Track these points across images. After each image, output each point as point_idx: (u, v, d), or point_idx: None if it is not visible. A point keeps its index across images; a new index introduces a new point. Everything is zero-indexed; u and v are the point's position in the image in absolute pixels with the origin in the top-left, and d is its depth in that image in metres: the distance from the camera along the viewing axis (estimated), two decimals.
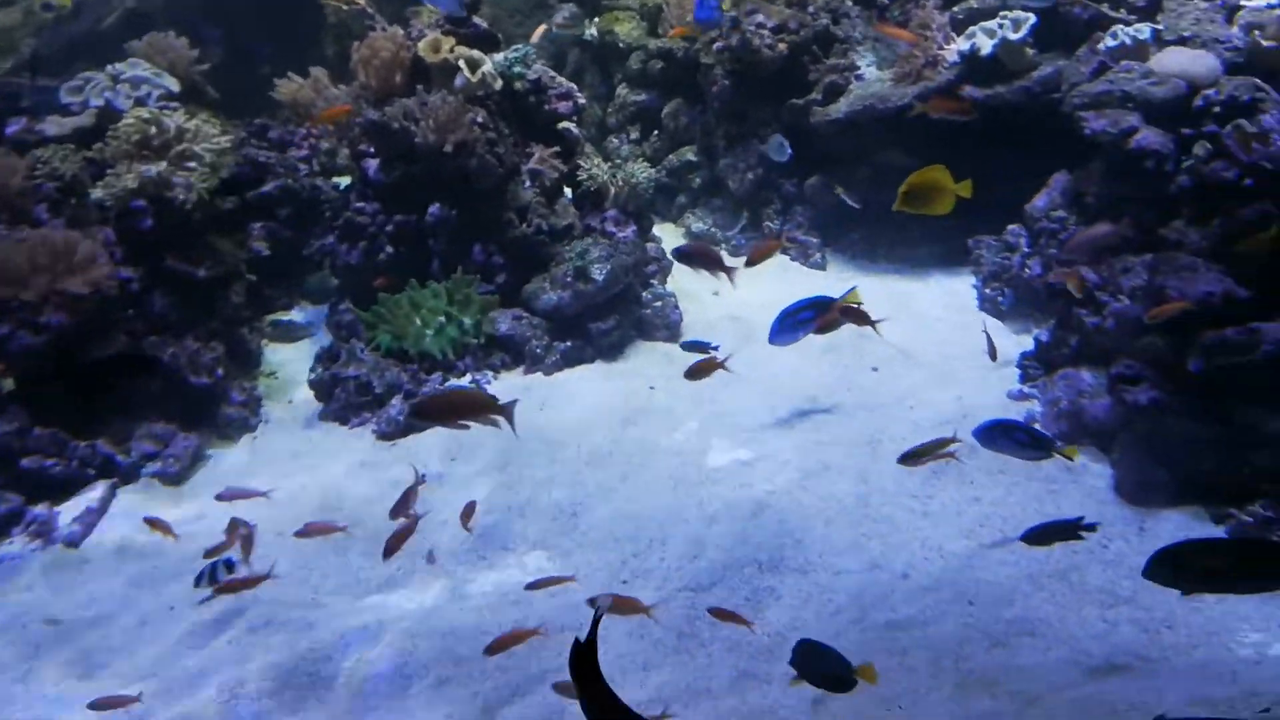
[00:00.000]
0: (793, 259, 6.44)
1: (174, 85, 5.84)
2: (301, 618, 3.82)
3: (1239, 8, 4.83)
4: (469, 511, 4.05)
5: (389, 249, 5.41)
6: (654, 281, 5.71)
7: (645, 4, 7.13)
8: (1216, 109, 4.25)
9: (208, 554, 3.93)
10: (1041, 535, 3.33)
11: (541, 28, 6.57)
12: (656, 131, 7.12)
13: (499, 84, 5.36)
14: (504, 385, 5.25)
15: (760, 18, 6.00)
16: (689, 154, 6.87)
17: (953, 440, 3.86)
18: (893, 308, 5.84)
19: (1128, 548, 3.60)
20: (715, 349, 5.00)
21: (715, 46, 6.29)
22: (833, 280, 6.32)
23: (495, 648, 3.32)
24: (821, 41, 6.12)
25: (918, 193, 3.30)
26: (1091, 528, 3.32)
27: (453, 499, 4.44)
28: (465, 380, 5.12)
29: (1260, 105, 4.13)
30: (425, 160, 5.30)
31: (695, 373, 4.56)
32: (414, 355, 5.09)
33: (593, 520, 4.25)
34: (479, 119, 5.27)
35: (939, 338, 5.36)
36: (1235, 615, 3.28)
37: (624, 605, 3.31)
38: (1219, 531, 3.54)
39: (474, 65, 5.28)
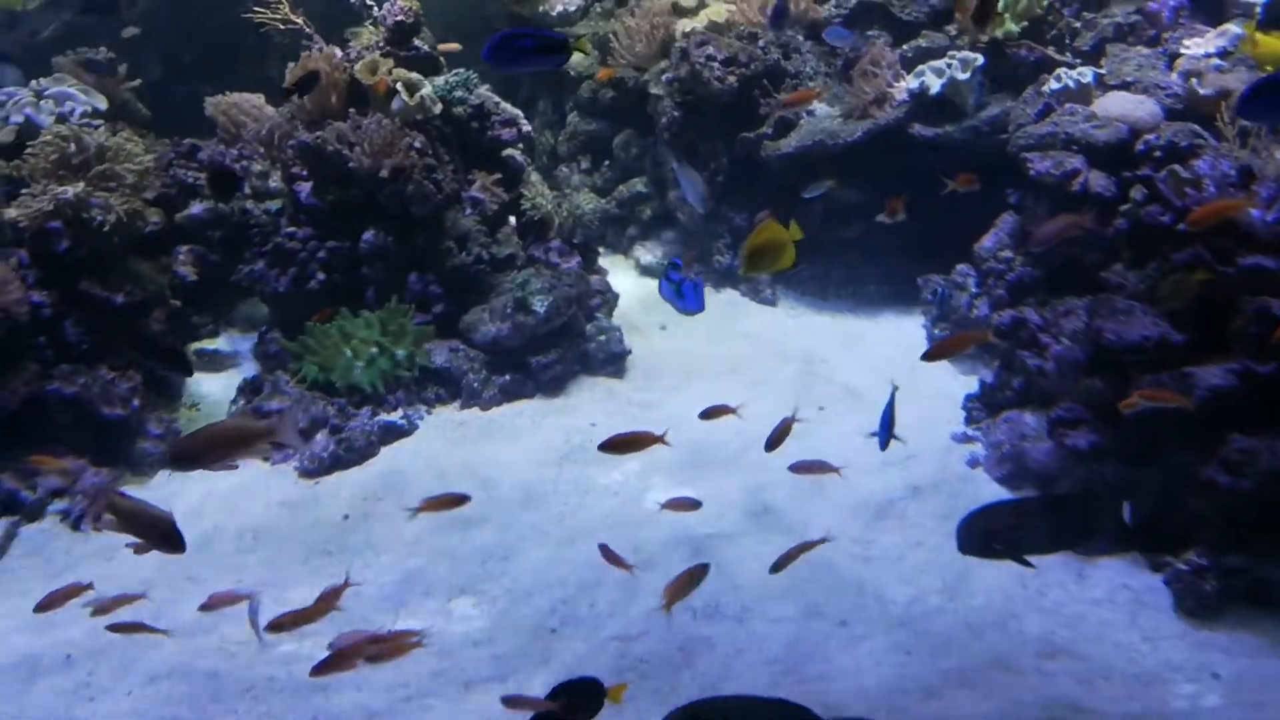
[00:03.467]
0: (743, 294, 6.35)
1: (101, 103, 5.62)
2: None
3: (1179, 55, 4.87)
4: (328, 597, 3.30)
5: (320, 276, 5.21)
6: (599, 314, 5.57)
7: (597, 33, 7.05)
8: (1157, 153, 4.24)
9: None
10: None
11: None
12: (608, 161, 7.01)
13: (439, 108, 5.22)
14: (439, 420, 5.05)
15: (710, 49, 5.94)
16: (639, 185, 6.76)
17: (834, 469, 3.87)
18: (843, 346, 5.79)
19: (1066, 596, 3.50)
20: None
21: (665, 77, 6.21)
22: (783, 316, 6.24)
23: None
24: (772, 75, 6.07)
25: (761, 254, 3.24)
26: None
27: (375, 541, 4.23)
28: (397, 415, 4.91)
29: (1198, 150, 4.12)
30: (360, 185, 5.12)
31: (709, 415, 4.25)
32: (342, 388, 4.87)
33: (524, 564, 4.05)
34: (417, 144, 5.11)
35: (887, 377, 5.25)
36: (1170, 665, 3.20)
37: None
38: (1159, 579, 3.45)
39: (412, 88, 5.13)
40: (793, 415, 3.75)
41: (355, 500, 4.53)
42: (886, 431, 3.57)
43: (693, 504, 3.84)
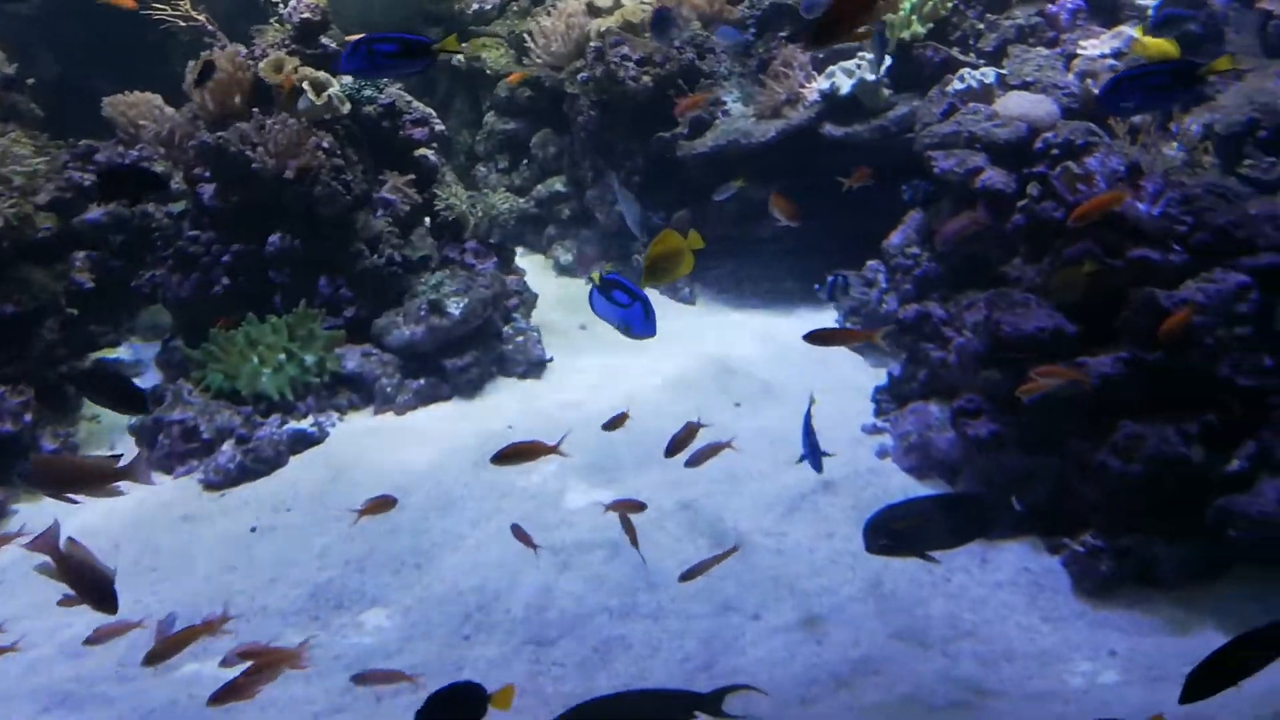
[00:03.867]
0: (661, 293, 6.35)
1: None
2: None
3: (1076, 56, 5.04)
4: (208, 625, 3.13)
5: (225, 281, 5.05)
6: (516, 315, 5.52)
7: (513, 31, 6.99)
8: (1055, 151, 4.38)
9: None
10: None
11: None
12: (526, 161, 6.96)
13: (347, 107, 5.10)
14: (351, 427, 4.93)
15: (625, 49, 5.93)
16: (558, 184, 6.73)
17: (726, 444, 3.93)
18: (760, 343, 5.84)
19: (970, 580, 3.58)
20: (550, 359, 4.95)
21: (580, 77, 6.18)
22: (701, 315, 6.27)
23: None
24: (687, 75, 6.09)
25: (661, 265, 3.26)
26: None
27: (285, 554, 4.11)
28: (307, 423, 4.78)
29: (1093, 148, 4.26)
30: (265, 187, 4.98)
31: (611, 426, 4.19)
32: (248, 396, 4.72)
33: (438, 571, 3.98)
34: (325, 144, 4.99)
35: (801, 373, 5.34)
36: (1068, 644, 3.29)
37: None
38: (1057, 562, 3.56)
39: (319, 87, 5.00)
40: (697, 421, 3.74)
41: (264, 512, 4.40)
42: (814, 453, 3.53)
43: (638, 505, 3.79)
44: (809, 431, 3.79)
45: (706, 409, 5.12)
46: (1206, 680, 2.10)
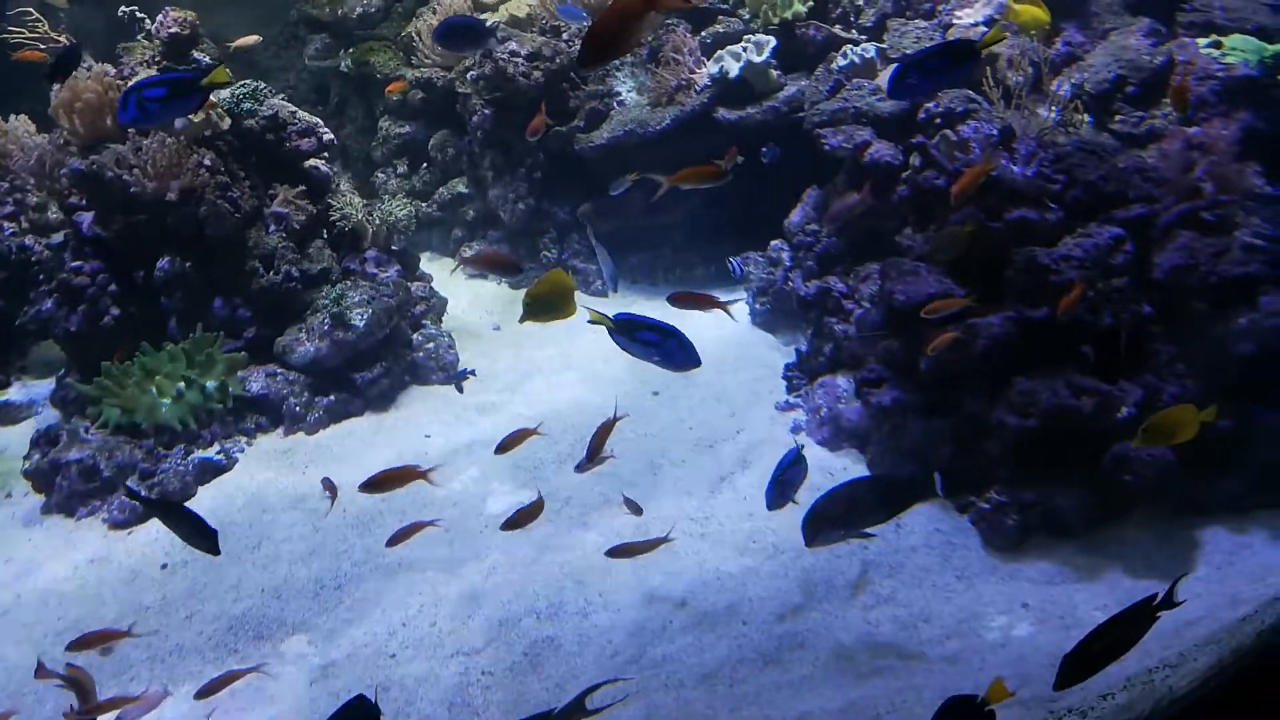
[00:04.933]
0: (575, 287, 6.31)
1: None
2: None
3: (952, 25, 5.15)
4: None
5: (115, 311, 4.84)
6: (426, 322, 5.42)
7: (401, 33, 6.85)
8: (937, 120, 4.48)
9: None
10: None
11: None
12: (426, 164, 6.84)
13: (226, 123, 4.93)
14: (261, 450, 4.79)
15: (513, 45, 5.86)
16: (460, 186, 6.63)
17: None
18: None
19: (886, 545, 3.66)
20: (472, 373, 4.91)
21: (470, 75, 6.09)
22: (617, 306, 6.25)
23: None
24: (578, 68, 6.05)
25: (542, 302, 3.28)
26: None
27: (197, 588, 3.98)
28: (214, 451, 4.63)
29: (973, 115, 4.37)
30: (148, 210, 4.79)
31: (506, 446, 4.17)
32: (149, 429, 4.55)
33: (360, 592, 3.90)
34: (207, 161, 4.82)
35: (715, 356, 5.37)
36: (982, 600, 3.39)
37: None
38: (966, 520, 3.66)
39: None
40: (614, 416, 3.73)
41: (175, 547, 4.24)
42: (781, 489, 3.46)
43: (636, 508, 3.85)
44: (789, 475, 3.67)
45: (625, 400, 5.15)
46: (1079, 666, 2.14)
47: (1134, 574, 3.48)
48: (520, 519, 3.62)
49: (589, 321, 3.29)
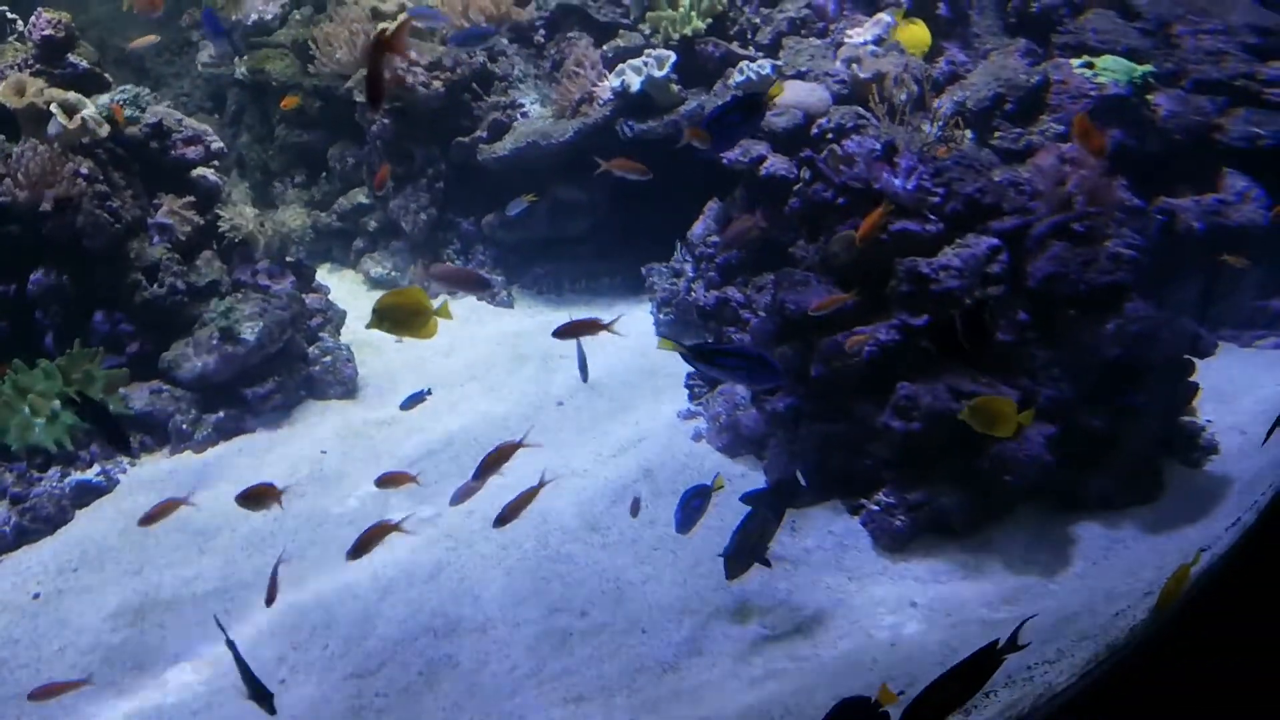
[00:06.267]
0: (479, 299, 6.26)
1: None
2: None
3: (843, 44, 5.32)
4: None
5: None
6: (323, 335, 5.29)
7: (297, 39, 6.69)
8: (830, 135, 4.62)
9: None
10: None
11: None
12: (325, 174, 6.68)
13: (105, 129, 4.72)
14: (144, 472, 4.59)
15: (413, 54, 5.79)
16: (360, 196, 6.50)
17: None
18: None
19: (782, 550, 3.71)
20: (428, 393, 4.81)
21: None
22: (521, 317, 6.22)
23: None
24: (481, 79, 6.01)
25: (390, 315, 3.30)
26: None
27: (73, 618, 3.78)
28: (93, 473, 4.41)
29: (863, 130, 4.52)
30: (20, 220, 4.55)
31: (386, 482, 4.09)
32: (20, 451, 4.30)
33: (249, 615, 3.76)
34: (84, 170, 4.60)
35: (621, 366, 5.39)
36: (873, 600, 3.48)
37: None
38: (857, 522, 3.75)
39: (70, 109, 4.60)
40: (520, 439, 3.69)
41: (47, 575, 4.03)
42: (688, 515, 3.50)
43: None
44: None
45: (530, 411, 5.12)
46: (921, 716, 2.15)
47: (1016, 570, 3.62)
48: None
49: (659, 348, 3.75)
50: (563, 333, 3.68)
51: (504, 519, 3.53)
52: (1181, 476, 3.90)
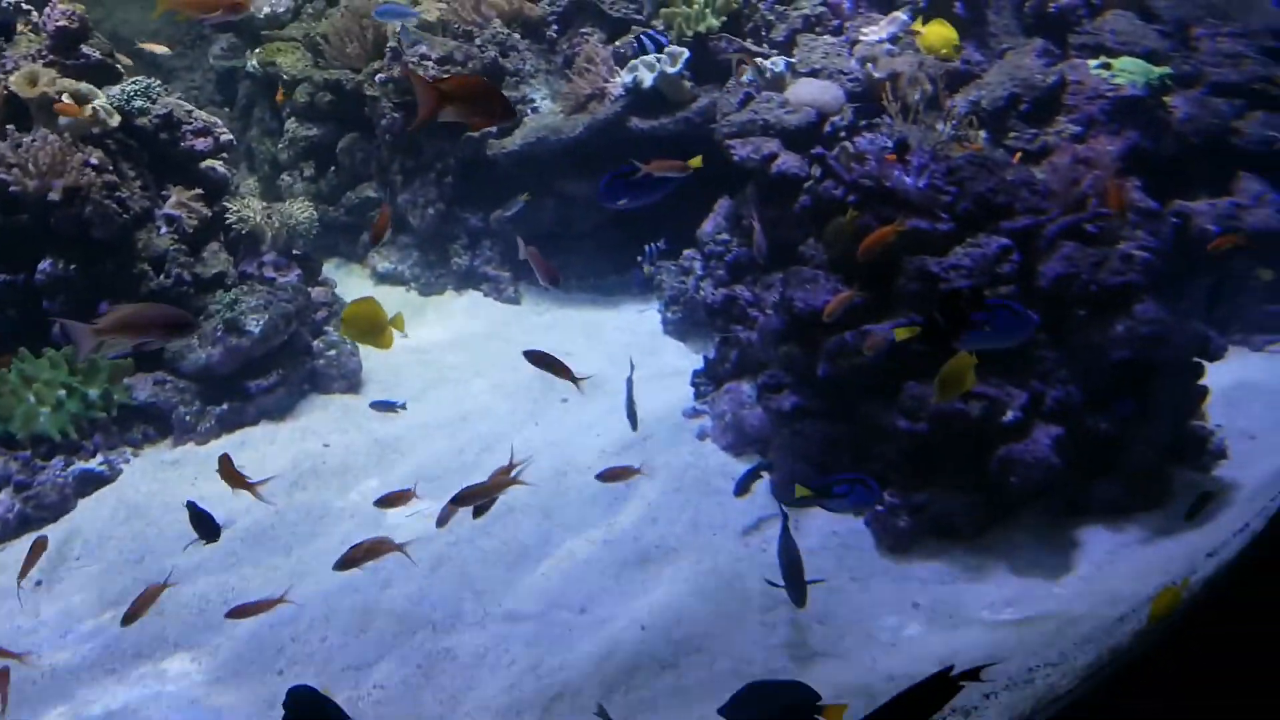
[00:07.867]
0: (485, 295, 6.26)
1: None
2: None
3: (858, 42, 5.28)
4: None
5: None
6: (328, 329, 5.28)
7: (309, 33, 6.69)
8: (842, 134, 4.59)
9: None
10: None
11: None
12: (334, 168, 6.68)
13: (116, 120, 4.73)
14: (147, 462, 4.60)
15: (423, 49, 5.78)
16: (368, 190, 6.50)
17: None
18: (585, 337, 5.84)
19: None
20: (403, 407, 4.70)
21: (378, 78, 5.99)
22: (527, 313, 6.20)
23: None
24: (491, 74, 6.00)
25: (354, 324, 3.35)
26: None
27: (75, 606, 3.78)
28: (96, 462, 4.41)
29: (876, 129, 4.48)
30: (29, 210, 4.56)
31: (386, 502, 4.07)
32: (25, 439, 4.31)
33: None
34: (93, 160, 4.61)
35: (626, 363, 5.36)
36: (875, 601, 3.44)
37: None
38: (861, 523, 3.72)
39: (82, 100, 4.61)
40: (510, 462, 3.67)
41: (49, 563, 4.03)
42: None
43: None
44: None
45: (533, 408, 5.10)
46: None
47: (1020, 573, 3.58)
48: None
49: (799, 498, 3.41)
50: (534, 360, 3.71)
51: (481, 509, 3.53)
52: (1190, 481, 3.85)
